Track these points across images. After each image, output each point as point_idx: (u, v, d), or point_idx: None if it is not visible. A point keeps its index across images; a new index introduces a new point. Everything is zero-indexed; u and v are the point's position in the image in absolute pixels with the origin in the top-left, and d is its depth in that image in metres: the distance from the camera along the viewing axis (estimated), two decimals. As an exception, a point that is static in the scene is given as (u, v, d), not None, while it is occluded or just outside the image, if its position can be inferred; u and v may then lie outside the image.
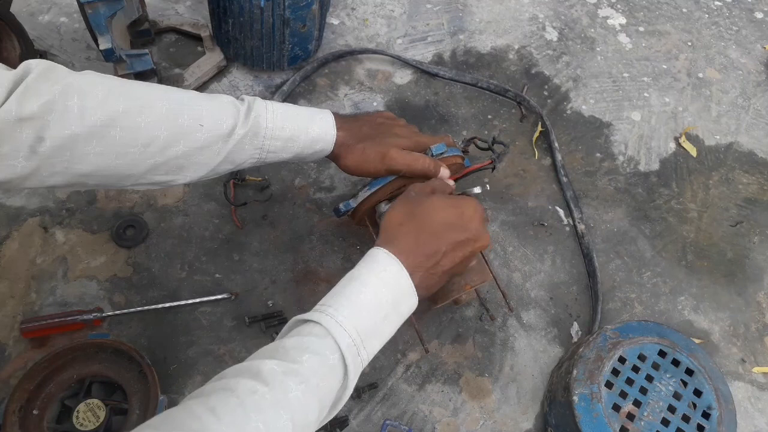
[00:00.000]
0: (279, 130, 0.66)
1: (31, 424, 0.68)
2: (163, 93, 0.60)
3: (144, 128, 0.58)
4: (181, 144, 0.60)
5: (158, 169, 0.61)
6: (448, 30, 1.16)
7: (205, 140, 0.61)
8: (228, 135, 0.62)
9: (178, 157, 0.60)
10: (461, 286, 0.73)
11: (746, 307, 0.91)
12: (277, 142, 0.66)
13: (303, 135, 0.67)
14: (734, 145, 1.08)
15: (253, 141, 0.64)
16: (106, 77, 0.58)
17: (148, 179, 0.61)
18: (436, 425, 0.77)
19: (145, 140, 0.58)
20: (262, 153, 0.66)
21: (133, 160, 0.58)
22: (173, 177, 0.63)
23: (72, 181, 0.58)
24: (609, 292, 0.89)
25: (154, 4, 1.08)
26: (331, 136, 0.69)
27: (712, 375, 0.72)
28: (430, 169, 0.72)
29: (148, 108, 0.58)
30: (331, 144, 0.69)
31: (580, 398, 0.69)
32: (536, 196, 0.97)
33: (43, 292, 0.80)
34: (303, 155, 0.69)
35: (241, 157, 0.65)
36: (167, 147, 0.59)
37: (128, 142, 0.57)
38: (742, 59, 1.21)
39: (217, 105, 0.63)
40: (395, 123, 0.76)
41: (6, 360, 0.75)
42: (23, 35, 0.89)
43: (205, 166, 0.63)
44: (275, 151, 0.67)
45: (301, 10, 0.92)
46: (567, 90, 1.11)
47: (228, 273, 0.84)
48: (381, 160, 0.70)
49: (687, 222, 0.98)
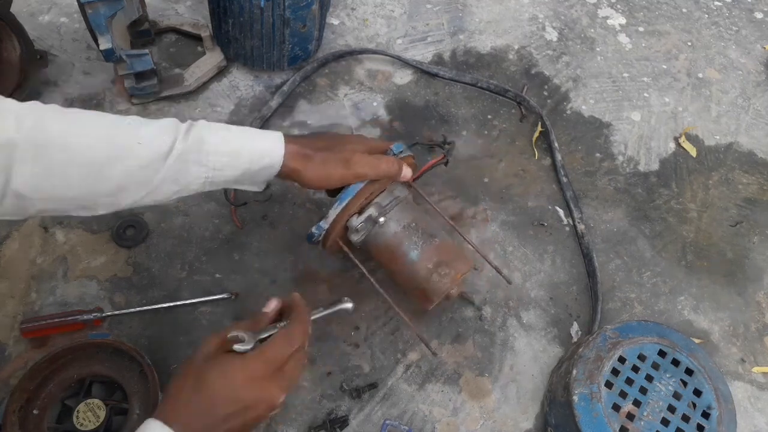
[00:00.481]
0: (223, 144, 0.64)
1: (31, 423, 0.68)
2: (101, 117, 0.61)
3: (81, 148, 0.57)
4: (120, 163, 0.59)
5: (98, 190, 0.60)
6: (448, 30, 1.16)
7: (144, 158, 0.60)
8: (167, 152, 0.61)
9: (117, 177, 0.59)
10: (452, 277, 0.73)
11: (746, 307, 0.91)
12: (222, 158, 0.63)
13: (248, 148, 0.65)
14: (734, 145, 1.08)
15: (197, 157, 0.62)
16: (47, 105, 0.58)
17: (89, 202, 0.61)
18: (436, 425, 0.77)
19: (82, 161, 0.58)
20: (208, 171, 0.63)
21: (71, 182, 0.58)
22: (115, 199, 0.61)
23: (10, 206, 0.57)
24: (609, 292, 0.89)
25: (154, 4, 1.09)
26: (280, 149, 0.66)
27: (711, 375, 0.72)
28: (394, 168, 0.72)
29: (84, 129, 0.58)
30: (279, 157, 0.66)
31: (579, 398, 0.69)
32: (536, 196, 0.97)
33: (43, 292, 0.80)
34: (252, 171, 0.66)
35: (186, 176, 0.63)
36: (106, 167, 0.58)
37: (65, 162, 0.57)
38: (741, 59, 1.21)
39: (156, 125, 0.62)
40: (345, 135, 0.75)
41: (6, 360, 0.75)
42: (23, 35, 0.89)
43: (147, 185, 0.61)
44: (221, 168, 0.64)
45: (301, 10, 0.92)
46: (567, 90, 1.11)
47: (228, 273, 0.84)
48: (345, 165, 0.69)
49: (687, 222, 0.98)
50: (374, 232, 0.74)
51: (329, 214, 0.72)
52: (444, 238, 0.76)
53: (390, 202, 0.74)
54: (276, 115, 0.99)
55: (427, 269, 0.73)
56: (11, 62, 0.90)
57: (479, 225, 0.93)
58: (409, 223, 0.75)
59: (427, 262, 0.73)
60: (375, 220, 0.73)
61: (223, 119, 0.97)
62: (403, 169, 0.73)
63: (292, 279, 0.84)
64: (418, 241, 0.74)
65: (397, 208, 0.75)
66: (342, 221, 0.73)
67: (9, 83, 0.90)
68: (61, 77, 0.98)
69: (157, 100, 0.97)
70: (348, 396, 0.77)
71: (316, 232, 0.73)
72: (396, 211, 0.74)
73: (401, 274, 0.75)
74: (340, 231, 0.74)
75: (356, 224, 0.73)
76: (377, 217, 0.73)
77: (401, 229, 0.74)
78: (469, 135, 1.02)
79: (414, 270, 0.74)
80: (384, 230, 0.74)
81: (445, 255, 0.74)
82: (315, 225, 0.73)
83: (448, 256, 0.74)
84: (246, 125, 0.98)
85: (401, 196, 0.76)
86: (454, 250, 0.76)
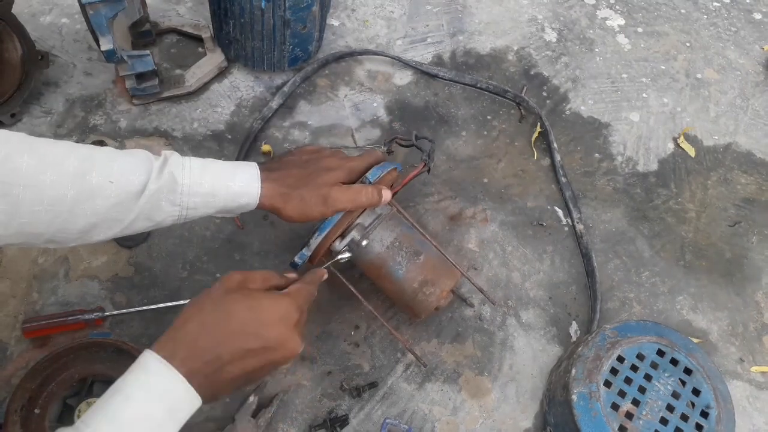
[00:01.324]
0: (197, 186, 0.62)
1: (33, 423, 0.68)
2: (72, 150, 0.57)
3: (49, 187, 0.55)
4: (91, 202, 0.57)
5: (68, 228, 0.57)
6: (447, 31, 1.16)
7: (116, 197, 0.58)
8: (140, 192, 0.59)
9: (88, 216, 0.57)
10: (438, 295, 0.73)
11: (744, 306, 0.91)
12: (196, 198, 0.62)
13: (223, 190, 0.63)
14: (732, 145, 1.09)
15: (170, 197, 0.61)
16: (13, 134, 0.55)
17: (59, 237, 0.58)
18: (436, 424, 0.77)
19: (51, 199, 0.55)
20: (182, 210, 0.62)
21: (40, 219, 0.55)
22: (86, 235, 0.59)
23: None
24: (608, 292, 0.90)
25: (155, 5, 1.09)
26: (255, 189, 0.65)
27: (710, 374, 0.72)
28: (374, 198, 0.70)
29: (53, 166, 0.55)
30: (255, 197, 0.65)
31: (579, 397, 0.70)
32: (535, 197, 0.97)
33: (45, 291, 0.80)
34: (228, 209, 0.65)
35: (159, 215, 0.61)
36: (76, 205, 0.56)
37: (33, 200, 0.54)
38: (740, 60, 1.21)
39: (129, 161, 0.60)
40: (321, 155, 0.72)
41: (8, 359, 0.75)
42: (25, 36, 0.89)
43: (119, 223, 0.60)
44: (195, 207, 0.63)
45: (301, 11, 0.92)
46: (566, 91, 1.11)
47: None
48: (323, 203, 0.67)
49: (685, 222, 0.98)
50: (358, 252, 0.74)
51: (311, 243, 0.71)
52: (429, 254, 0.76)
53: (372, 222, 0.74)
54: (276, 116, 0.99)
55: (413, 289, 0.73)
56: (12, 63, 0.90)
57: (478, 225, 0.93)
58: (392, 242, 0.74)
59: (412, 282, 0.73)
60: (358, 243, 0.73)
61: (224, 120, 0.98)
62: (382, 195, 0.71)
63: (292, 279, 0.84)
64: (402, 261, 0.74)
65: (380, 227, 0.74)
66: (324, 248, 0.72)
67: (10, 84, 0.90)
68: (63, 78, 0.99)
69: (158, 101, 0.98)
70: (348, 395, 0.77)
71: (299, 261, 0.72)
72: (379, 230, 0.74)
73: (389, 291, 0.76)
74: (326, 254, 0.74)
75: (339, 248, 0.73)
76: (360, 240, 0.73)
77: (384, 249, 0.74)
78: (469, 135, 1.02)
79: (400, 288, 0.74)
80: (368, 251, 0.74)
81: (430, 273, 0.74)
82: (298, 254, 0.72)
83: (433, 274, 0.74)
84: (246, 126, 0.98)
85: (384, 214, 0.75)
86: (439, 267, 0.75)
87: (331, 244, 0.73)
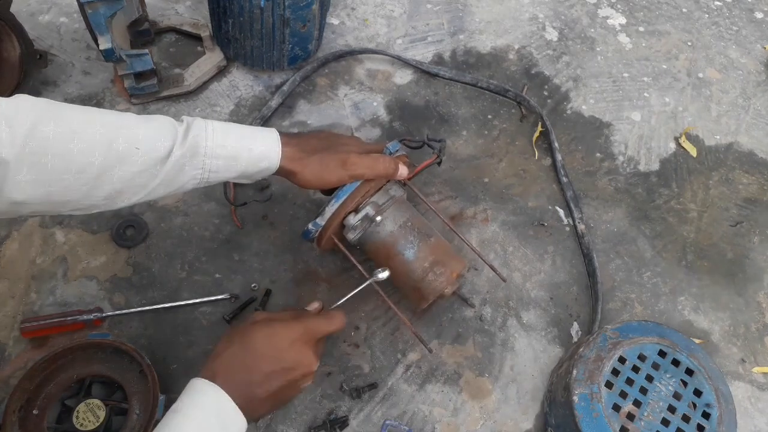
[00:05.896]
0: (219, 149, 0.63)
1: (31, 424, 0.68)
2: (97, 116, 0.58)
3: (77, 155, 0.55)
4: (118, 169, 0.58)
5: (94, 195, 0.59)
6: (448, 30, 1.16)
7: (142, 163, 0.59)
8: (165, 157, 0.60)
9: (114, 182, 0.58)
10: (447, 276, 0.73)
11: (746, 307, 0.91)
12: (218, 161, 0.63)
13: (245, 152, 0.65)
14: (734, 145, 1.08)
15: (193, 161, 0.62)
16: (38, 100, 0.55)
17: (85, 204, 0.59)
18: (436, 425, 0.77)
19: (79, 167, 0.56)
20: (203, 173, 0.63)
21: (68, 187, 0.56)
22: (111, 201, 0.60)
23: (4, 209, 0.55)
24: (609, 292, 0.89)
25: (154, 4, 1.09)
26: (276, 153, 0.67)
27: (712, 375, 0.72)
28: (391, 167, 0.72)
29: (81, 133, 0.56)
30: (276, 161, 0.67)
31: (580, 398, 0.69)
32: (536, 196, 0.97)
33: (43, 292, 0.80)
34: (249, 173, 0.67)
35: (181, 178, 0.62)
36: (103, 173, 0.57)
37: (61, 169, 0.55)
38: (742, 59, 1.21)
39: (154, 127, 0.61)
40: (341, 135, 0.75)
41: (6, 360, 0.75)
42: (23, 35, 0.89)
43: (143, 189, 0.61)
44: (217, 170, 0.64)
45: (301, 10, 0.92)
46: (567, 90, 1.11)
47: (228, 273, 0.84)
48: (342, 166, 0.69)
49: (687, 222, 0.98)
50: (370, 230, 0.74)
51: (326, 211, 0.72)
52: (439, 238, 0.77)
53: (386, 201, 0.74)
54: (276, 115, 0.99)
55: (423, 268, 0.73)
56: (11, 62, 0.89)
57: (479, 225, 0.93)
58: (405, 222, 0.75)
59: (422, 261, 0.73)
60: (372, 219, 0.73)
61: (223, 119, 0.97)
62: (399, 167, 0.74)
63: (292, 279, 0.84)
64: (413, 240, 0.74)
65: (393, 206, 0.75)
66: (338, 219, 0.72)
67: (9, 83, 0.90)
68: (61, 77, 0.98)
69: (156, 100, 0.97)
70: (348, 396, 0.77)
71: (313, 228, 0.73)
72: (392, 209, 0.75)
73: (397, 273, 0.75)
74: (337, 229, 0.74)
75: (353, 222, 0.73)
76: (374, 216, 0.73)
77: (397, 228, 0.74)
78: (470, 135, 1.02)
79: (410, 269, 0.74)
80: (380, 229, 0.74)
81: (441, 254, 0.74)
82: (311, 221, 0.73)
83: (443, 256, 0.74)
84: (246, 125, 0.98)
85: (397, 195, 0.76)
86: (449, 250, 0.76)
87: (344, 218, 0.73)
